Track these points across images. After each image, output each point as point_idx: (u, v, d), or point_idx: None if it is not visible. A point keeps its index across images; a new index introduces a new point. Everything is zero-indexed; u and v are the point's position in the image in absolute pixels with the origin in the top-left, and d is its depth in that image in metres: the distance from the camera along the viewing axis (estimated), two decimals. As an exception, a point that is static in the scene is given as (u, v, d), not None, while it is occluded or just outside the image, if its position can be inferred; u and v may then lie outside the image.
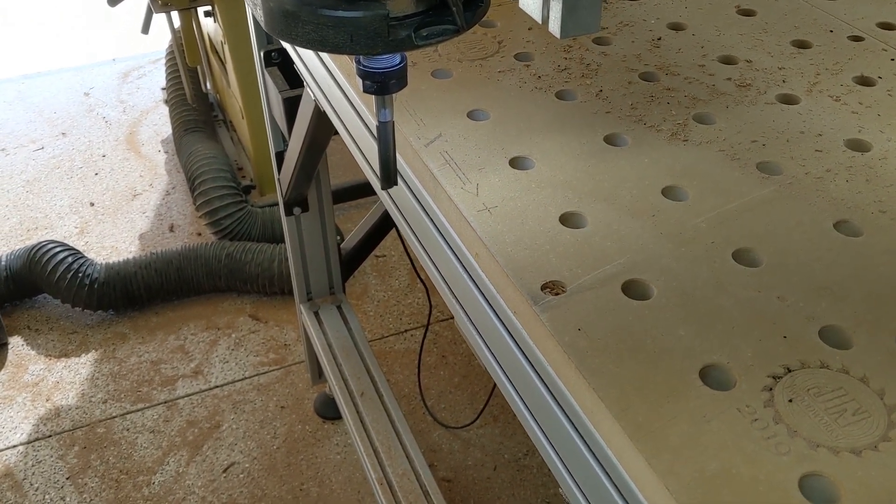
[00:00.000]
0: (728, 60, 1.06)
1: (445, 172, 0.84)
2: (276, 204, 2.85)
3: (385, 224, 2.07)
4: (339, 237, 2.09)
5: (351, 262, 2.12)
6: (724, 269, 0.73)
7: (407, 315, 2.64)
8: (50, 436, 2.29)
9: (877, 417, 0.61)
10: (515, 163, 0.86)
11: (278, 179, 1.88)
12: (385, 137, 0.80)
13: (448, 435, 2.27)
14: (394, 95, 0.80)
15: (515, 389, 0.74)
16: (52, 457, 2.23)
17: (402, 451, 1.75)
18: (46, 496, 2.14)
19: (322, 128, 1.39)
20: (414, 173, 0.88)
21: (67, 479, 2.17)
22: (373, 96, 0.79)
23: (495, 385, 2.45)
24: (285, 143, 1.79)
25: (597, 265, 0.72)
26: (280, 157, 1.83)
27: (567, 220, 0.79)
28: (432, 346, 2.52)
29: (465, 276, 0.79)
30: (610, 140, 0.90)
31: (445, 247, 0.83)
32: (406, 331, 2.59)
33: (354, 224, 3.03)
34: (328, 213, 1.98)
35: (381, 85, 0.76)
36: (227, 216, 2.77)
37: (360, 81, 0.77)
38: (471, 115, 0.94)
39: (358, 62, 0.75)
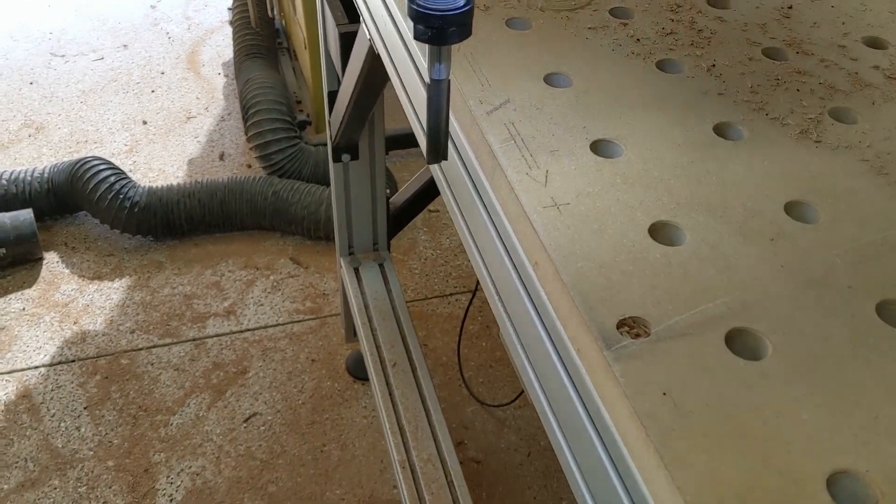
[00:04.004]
0: (876, 43, 0.85)
1: (509, 150, 0.66)
2: (331, 143, 2.71)
3: (440, 181, 1.90)
4: (388, 190, 1.93)
5: (399, 217, 1.96)
6: (866, 326, 0.55)
7: (454, 277, 2.49)
8: (73, 360, 2.21)
9: None
10: (599, 147, 0.68)
11: (329, 121, 1.71)
12: (437, 100, 0.63)
13: (483, 412, 2.13)
14: (453, 47, 0.62)
15: (569, 446, 0.57)
16: (72, 383, 2.15)
17: (429, 433, 1.60)
18: (62, 424, 2.06)
19: (376, 71, 1.22)
20: (470, 146, 0.71)
21: (85, 408, 2.09)
22: (426, 45, 0.61)
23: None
24: (339, 82, 1.62)
25: (693, 301, 0.54)
26: (332, 96, 1.66)
27: (658, 232, 0.60)
28: (477, 314, 2.37)
29: (520, 287, 0.62)
30: (721, 130, 0.71)
31: (499, 244, 0.65)
32: (451, 294, 2.44)
33: (411, 173, 2.87)
34: (379, 162, 1.81)
35: (438, 32, 0.59)
36: (278, 151, 2.63)
37: (411, 25, 0.59)
38: (548, 80, 0.75)
39: (411, 0, 0.58)
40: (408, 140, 2.77)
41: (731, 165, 0.66)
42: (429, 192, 1.93)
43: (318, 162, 2.66)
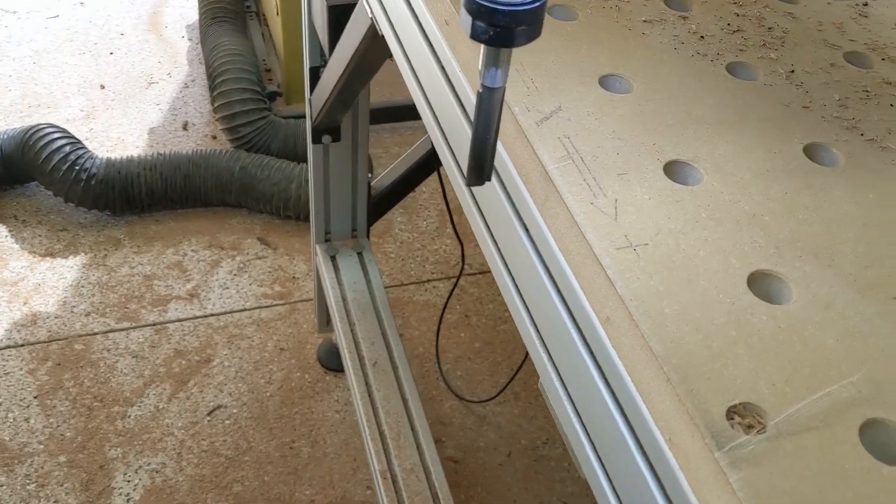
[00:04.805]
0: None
1: (567, 171, 0.55)
2: (303, 117, 2.55)
3: (428, 164, 1.78)
4: (370, 174, 1.80)
5: (381, 203, 1.83)
6: None
7: (431, 263, 2.37)
8: (22, 345, 2.06)
9: None
10: (673, 171, 0.56)
11: (309, 99, 1.58)
12: (487, 111, 0.51)
13: (461, 408, 2.03)
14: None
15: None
16: (21, 370, 2.00)
17: (412, 441, 1.50)
18: (10, 414, 1.91)
19: (375, 54, 1.09)
20: (515, 165, 0.58)
21: (35, 398, 1.95)
22: (482, 46, 0.49)
23: (524, 360, 2.19)
24: (324, 59, 1.48)
25: (816, 381, 0.43)
26: (315, 73, 1.52)
27: (758, 283, 0.49)
28: (455, 303, 2.26)
29: (586, 355, 0.49)
30: (812, 153, 0.60)
31: (554, 295, 0.52)
32: (428, 281, 2.32)
33: (384, 149, 2.73)
34: (363, 145, 1.68)
35: (504, 32, 0.47)
36: (246, 123, 2.47)
37: (466, 20, 0.47)
38: (604, 83, 0.63)
39: (473, -10, 0.46)
40: (384, 115, 2.64)
41: (831, 199, 0.55)
42: (413, 176, 1.81)
43: (289, 136, 2.52)
